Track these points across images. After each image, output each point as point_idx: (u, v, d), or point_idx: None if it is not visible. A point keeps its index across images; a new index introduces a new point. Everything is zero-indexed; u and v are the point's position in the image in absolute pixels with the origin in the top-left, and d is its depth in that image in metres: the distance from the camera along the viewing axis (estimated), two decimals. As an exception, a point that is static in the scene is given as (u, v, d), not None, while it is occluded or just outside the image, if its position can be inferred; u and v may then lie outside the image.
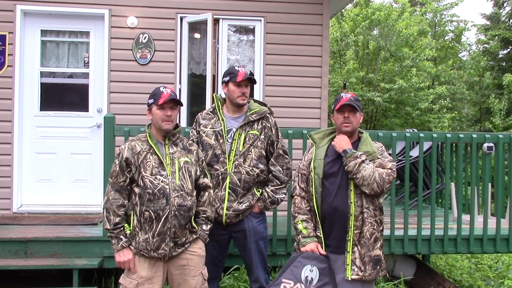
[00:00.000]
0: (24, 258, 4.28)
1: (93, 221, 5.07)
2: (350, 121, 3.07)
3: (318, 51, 6.06)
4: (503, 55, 20.11)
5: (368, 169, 2.93)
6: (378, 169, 2.97)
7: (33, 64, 5.77)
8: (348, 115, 3.06)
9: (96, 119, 5.81)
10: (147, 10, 5.84)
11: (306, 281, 2.95)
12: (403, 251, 4.66)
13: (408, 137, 4.69)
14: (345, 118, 3.06)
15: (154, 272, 3.01)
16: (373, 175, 2.92)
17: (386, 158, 3.07)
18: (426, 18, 21.63)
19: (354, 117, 3.07)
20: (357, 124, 3.12)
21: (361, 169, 2.93)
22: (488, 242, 4.79)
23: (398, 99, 17.05)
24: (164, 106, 3.02)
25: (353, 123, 3.07)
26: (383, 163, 3.03)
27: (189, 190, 3.04)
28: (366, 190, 2.97)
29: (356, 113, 3.08)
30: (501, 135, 4.85)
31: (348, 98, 3.06)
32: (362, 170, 2.93)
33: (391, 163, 3.04)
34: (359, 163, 2.94)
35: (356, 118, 3.09)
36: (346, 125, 3.08)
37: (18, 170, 5.67)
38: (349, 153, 2.98)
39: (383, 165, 3.02)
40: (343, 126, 3.09)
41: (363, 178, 2.93)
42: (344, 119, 3.07)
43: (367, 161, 2.97)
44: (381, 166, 3.01)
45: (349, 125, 3.07)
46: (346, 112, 3.06)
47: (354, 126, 3.09)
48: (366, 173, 2.93)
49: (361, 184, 2.95)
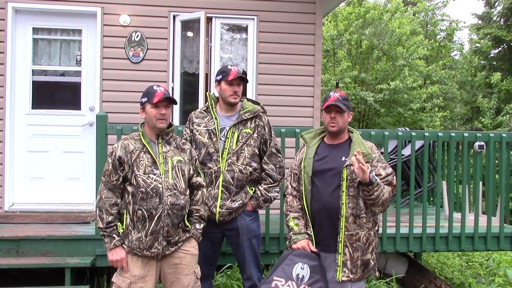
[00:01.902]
0: (15, 257, 4.26)
1: (86, 219, 5.06)
2: (336, 122, 3.06)
3: (311, 50, 6.08)
4: (494, 54, 20.20)
5: (386, 193, 2.95)
6: (387, 188, 2.98)
7: (24, 62, 5.73)
8: (335, 116, 3.05)
9: (88, 117, 5.79)
10: (140, 8, 5.83)
11: (297, 278, 2.96)
12: (395, 249, 4.69)
13: (400, 136, 4.72)
14: (332, 118, 3.06)
15: (147, 271, 3.01)
16: (388, 197, 2.95)
17: (389, 169, 3.06)
18: (417, 18, 21.71)
19: (341, 117, 3.06)
20: (344, 124, 3.10)
21: (381, 195, 2.91)
22: (479, 240, 4.83)
23: (390, 99, 17.10)
24: (159, 104, 3.02)
25: (339, 123, 3.06)
26: (389, 178, 3.02)
27: (182, 189, 3.04)
28: (377, 210, 3.00)
29: (344, 113, 3.06)
30: (492, 134, 4.89)
31: (335, 98, 3.05)
32: (382, 196, 2.91)
33: (393, 177, 3.05)
34: (381, 190, 2.91)
35: (343, 118, 3.07)
36: (332, 125, 3.07)
37: (9, 169, 5.64)
38: (375, 182, 2.87)
39: (390, 181, 3.02)
40: (329, 126, 3.09)
41: (383, 202, 2.93)
42: (331, 120, 3.07)
43: (382, 184, 2.95)
44: (388, 183, 3.01)
45: (335, 125, 3.06)
46: (333, 112, 3.05)
47: (340, 126, 3.08)
48: (385, 197, 2.93)
49: (376, 206, 2.96)
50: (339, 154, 3.08)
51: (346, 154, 3.06)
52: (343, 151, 3.09)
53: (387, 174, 3.04)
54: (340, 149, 3.12)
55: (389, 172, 3.05)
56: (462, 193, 5.11)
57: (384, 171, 3.04)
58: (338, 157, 3.06)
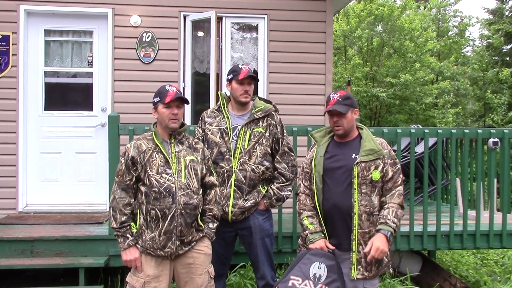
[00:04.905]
0: (30, 257, 4.29)
1: (99, 220, 5.08)
2: (340, 125, 3.03)
3: (321, 48, 6.06)
4: (506, 50, 19.99)
5: (399, 214, 2.99)
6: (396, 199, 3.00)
7: (37, 64, 5.78)
8: (337, 119, 3.03)
9: (100, 118, 5.82)
10: (150, 8, 5.85)
11: (315, 278, 2.94)
12: (409, 247, 4.65)
13: (413, 133, 4.68)
14: (335, 122, 3.04)
15: (161, 271, 3.01)
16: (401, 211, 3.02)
17: (396, 166, 3.05)
18: (429, 14, 21.57)
19: (344, 119, 3.02)
20: (349, 124, 3.06)
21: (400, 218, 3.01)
22: (494, 238, 4.78)
23: (402, 95, 17.00)
24: (171, 104, 3.02)
25: (344, 125, 3.03)
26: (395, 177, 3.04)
27: (195, 189, 3.04)
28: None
29: (346, 114, 3.01)
30: (507, 130, 4.83)
31: (335, 101, 3.02)
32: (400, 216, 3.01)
33: (399, 176, 3.05)
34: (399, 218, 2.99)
35: (347, 119, 3.03)
36: (337, 129, 3.06)
37: (23, 170, 5.69)
38: (391, 238, 2.96)
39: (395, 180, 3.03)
40: (335, 130, 3.08)
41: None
42: (334, 123, 3.05)
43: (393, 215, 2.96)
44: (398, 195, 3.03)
45: (340, 128, 3.04)
46: (335, 116, 3.04)
47: (346, 128, 3.05)
48: (400, 212, 3.01)
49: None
50: (349, 151, 3.06)
51: (357, 151, 3.03)
52: (353, 148, 3.07)
53: (393, 172, 3.02)
54: (350, 146, 3.09)
55: (395, 170, 3.03)
56: (477, 190, 5.06)
57: (391, 168, 3.02)
58: (348, 155, 3.05)
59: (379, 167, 2.98)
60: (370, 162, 2.97)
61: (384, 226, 2.92)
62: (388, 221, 2.92)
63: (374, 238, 2.90)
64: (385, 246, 2.87)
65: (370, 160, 2.97)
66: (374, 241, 2.87)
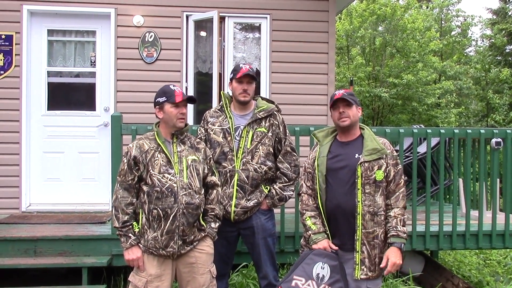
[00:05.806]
0: (33, 256, 4.31)
1: (102, 219, 5.09)
2: (346, 115, 3.02)
3: (324, 47, 6.06)
4: (510, 49, 19.95)
5: (405, 219, 3.03)
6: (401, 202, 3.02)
7: (40, 64, 5.79)
8: (343, 110, 3.02)
9: (103, 118, 5.83)
10: (153, 8, 5.85)
11: (318, 278, 2.94)
12: (411, 248, 4.65)
13: (415, 133, 4.67)
14: (341, 113, 3.03)
15: (163, 270, 3.02)
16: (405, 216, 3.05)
17: (397, 167, 3.05)
18: (432, 14, 21.53)
19: (350, 110, 3.03)
20: (355, 117, 3.06)
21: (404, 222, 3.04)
22: (497, 238, 4.77)
23: (405, 95, 16.98)
24: (179, 104, 3.03)
25: (350, 116, 3.03)
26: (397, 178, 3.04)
27: (197, 188, 3.04)
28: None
29: (352, 106, 3.03)
30: (509, 130, 4.82)
31: (341, 94, 3.04)
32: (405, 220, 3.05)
33: (401, 176, 3.05)
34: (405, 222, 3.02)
35: (353, 111, 3.04)
36: (343, 120, 3.04)
37: (26, 170, 5.70)
38: (402, 246, 2.99)
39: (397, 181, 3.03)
40: (340, 122, 3.05)
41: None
42: (340, 114, 3.04)
43: (401, 224, 2.99)
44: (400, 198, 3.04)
45: (346, 118, 3.03)
46: (341, 107, 3.03)
47: (352, 120, 3.04)
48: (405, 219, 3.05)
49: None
50: (352, 151, 3.06)
51: (359, 151, 3.03)
52: (356, 148, 3.07)
53: (395, 173, 3.02)
54: (353, 146, 3.09)
55: (396, 170, 3.04)
56: (479, 190, 5.05)
57: (393, 169, 3.02)
58: (351, 155, 3.04)
59: (382, 167, 2.98)
60: (373, 162, 2.97)
61: (397, 239, 2.95)
62: (399, 233, 2.95)
63: (389, 253, 2.93)
64: (400, 259, 2.91)
65: (373, 160, 2.97)
66: (390, 256, 2.90)
